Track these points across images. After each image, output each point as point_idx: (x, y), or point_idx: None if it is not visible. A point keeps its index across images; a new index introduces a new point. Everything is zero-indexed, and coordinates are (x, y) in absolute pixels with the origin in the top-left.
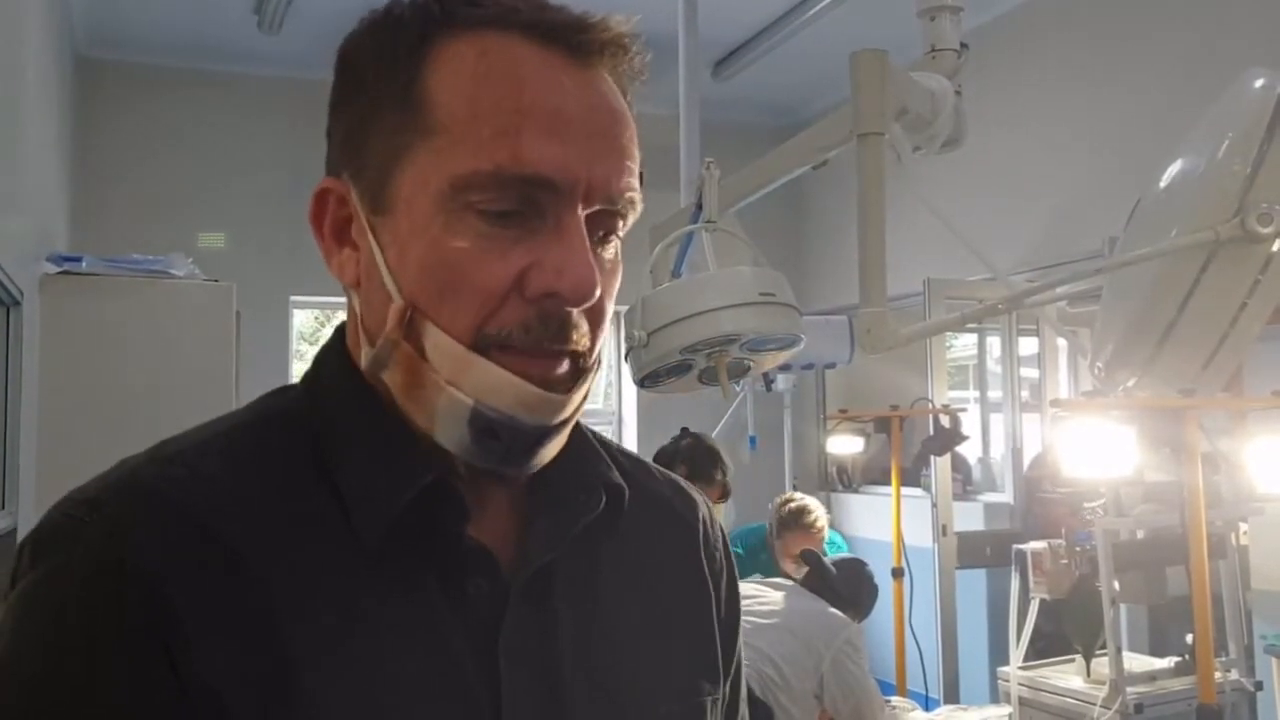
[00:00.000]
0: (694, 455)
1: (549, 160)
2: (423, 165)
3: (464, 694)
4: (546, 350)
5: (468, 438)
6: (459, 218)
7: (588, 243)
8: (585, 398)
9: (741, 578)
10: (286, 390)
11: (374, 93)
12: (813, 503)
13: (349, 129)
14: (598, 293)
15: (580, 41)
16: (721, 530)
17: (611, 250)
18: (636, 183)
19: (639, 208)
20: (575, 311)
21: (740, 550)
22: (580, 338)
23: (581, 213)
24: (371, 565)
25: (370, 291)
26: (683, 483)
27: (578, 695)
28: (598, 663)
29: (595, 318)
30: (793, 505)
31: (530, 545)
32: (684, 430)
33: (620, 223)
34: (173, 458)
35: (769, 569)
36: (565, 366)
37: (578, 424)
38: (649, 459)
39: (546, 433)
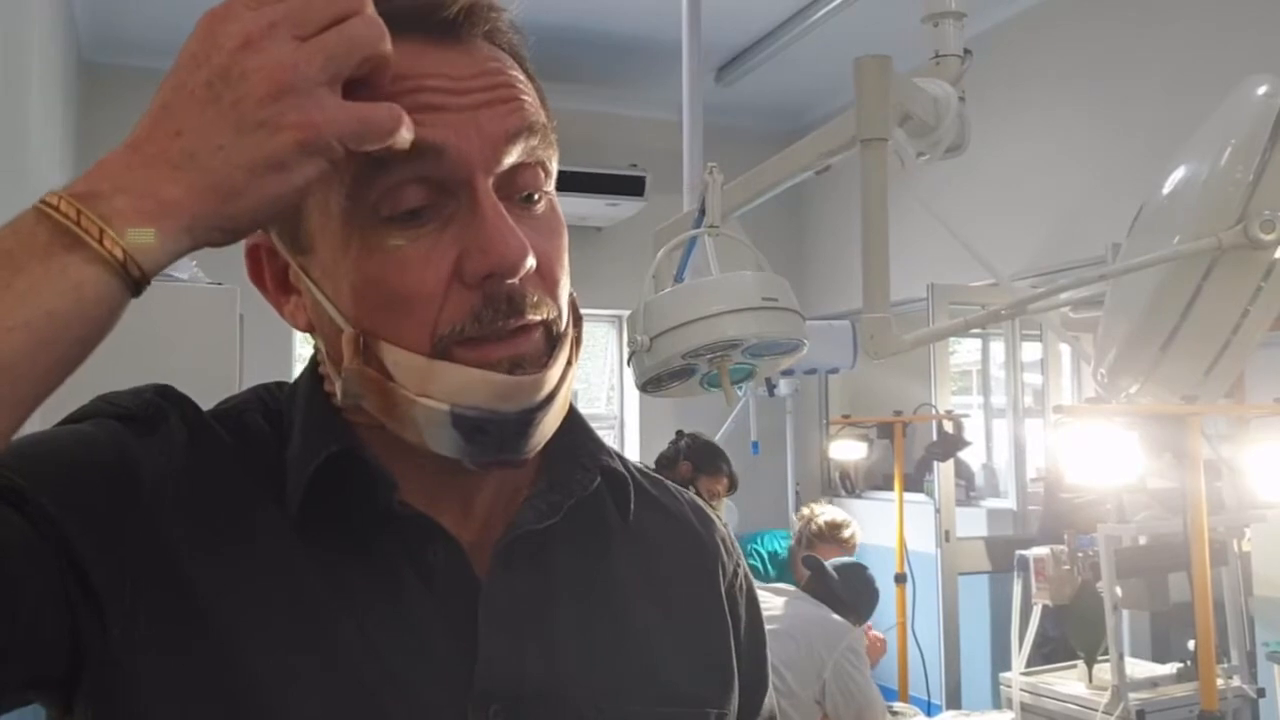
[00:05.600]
0: (696, 451)
1: (424, 130)
2: (319, 193)
3: (432, 655)
4: (505, 330)
5: (459, 440)
6: (371, 230)
7: (502, 210)
8: (568, 367)
9: None
10: (278, 385)
11: None
12: (845, 515)
13: None
14: (530, 259)
15: (437, 21)
16: (739, 551)
17: (543, 206)
18: (539, 115)
19: (552, 136)
20: (517, 282)
21: (773, 572)
22: (536, 306)
23: (488, 181)
24: (319, 537)
25: (324, 330)
26: (701, 502)
27: (569, 674)
28: (598, 649)
29: (546, 283)
30: (828, 519)
31: (518, 516)
32: (679, 433)
33: (542, 173)
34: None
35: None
36: (535, 340)
37: (576, 415)
38: (650, 463)
39: (532, 414)
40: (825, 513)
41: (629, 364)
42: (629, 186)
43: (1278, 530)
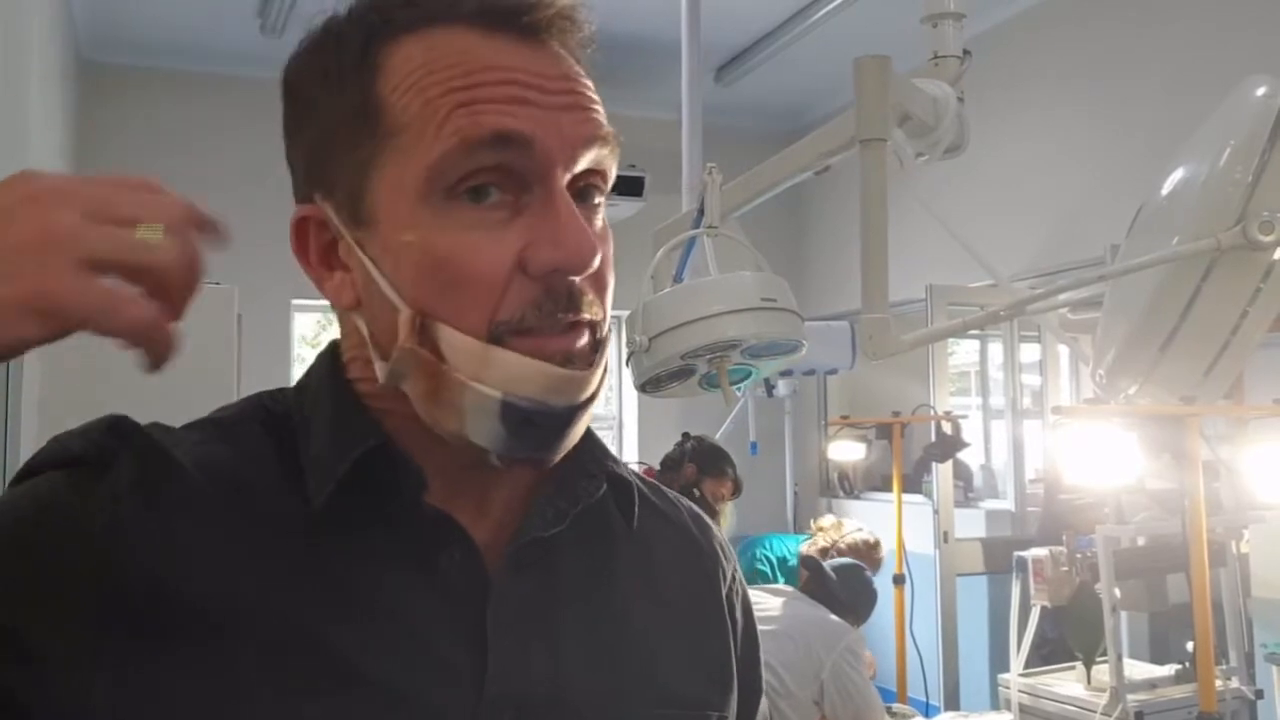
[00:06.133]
0: (702, 455)
1: (514, 119)
2: (393, 168)
3: (444, 660)
4: (562, 324)
5: (502, 431)
6: (444, 211)
7: (575, 208)
8: (605, 372)
9: None
10: (278, 391)
11: (327, 114)
12: (873, 533)
13: (311, 154)
14: (598, 258)
15: (526, 22)
16: (735, 556)
17: (600, 217)
18: (609, 129)
19: (617, 147)
20: (580, 280)
21: (782, 579)
22: (590, 305)
23: (563, 178)
24: (333, 536)
25: (374, 308)
26: (698, 509)
27: (576, 679)
28: (601, 654)
29: (599, 286)
30: (863, 538)
31: (529, 522)
32: (685, 435)
33: (604, 181)
34: (154, 426)
35: None
36: (585, 339)
37: None
38: (650, 464)
39: (576, 412)
40: (852, 528)
41: (628, 364)
42: (628, 186)
43: (1276, 531)
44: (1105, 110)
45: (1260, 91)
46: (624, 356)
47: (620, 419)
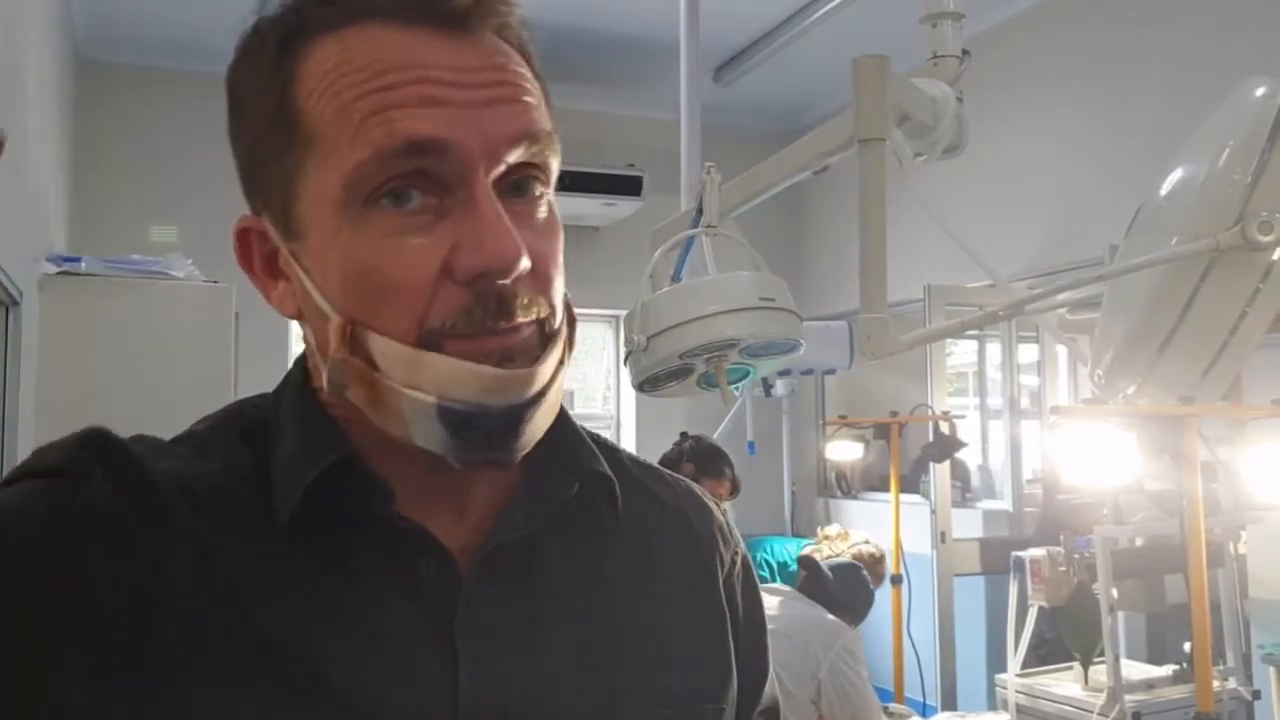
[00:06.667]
0: (700, 454)
1: (427, 124)
2: (315, 178)
3: (417, 673)
4: (494, 329)
5: (445, 434)
6: (364, 218)
7: (500, 209)
8: (560, 366)
9: None
10: (258, 398)
11: (255, 121)
12: (879, 545)
13: (246, 163)
14: (524, 261)
15: (446, 12)
16: (738, 538)
17: (543, 209)
18: (544, 122)
19: (556, 143)
20: (509, 284)
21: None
22: (527, 308)
23: (487, 179)
24: (309, 550)
25: (311, 317)
26: (697, 489)
27: (558, 683)
28: (592, 654)
29: (540, 283)
30: (870, 551)
31: (495, 527)
32: (684, 434)
33: (540, 175)
34: (135, 439)
35: None
36: (528, 335)
37: (566, 416)
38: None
39: (521, 411)
40: (858, 539)
41: (626, 363)
42: (626, 186)
43: (1274, 532)
44: (1105, 110)
45: (1259, 92)
46: (622, 356)
47: (618, 418)
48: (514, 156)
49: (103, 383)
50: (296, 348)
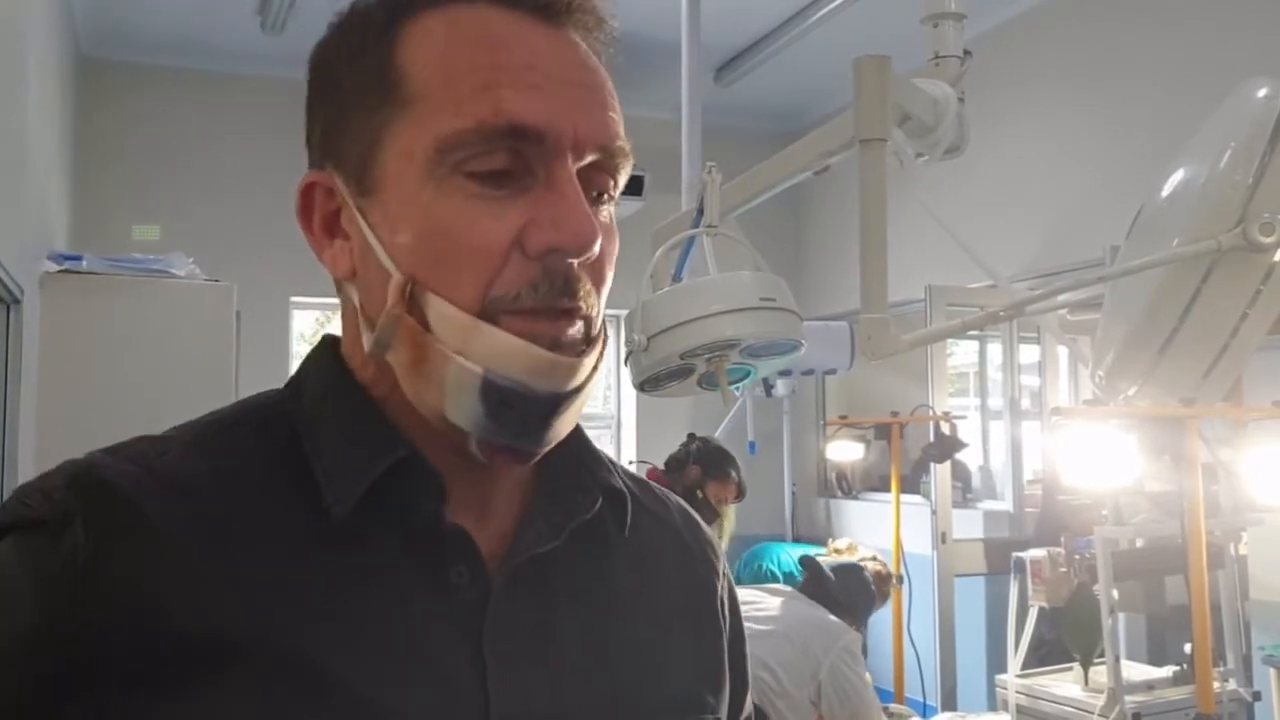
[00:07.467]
0: (706, 456)
1: (531, 111)
2: (405, 137)
3: (447, 680)
4: (556, 309)
5: (480, 410)
6: (448, 182)
7: (581, 194)
8: (597, 367)
9: None
10: (269, 392)
11: (347, 85)
12: (887, 565)
13: (327, 123)
14: (598, 244)
15: (548, 4)
16: (721, 552)
17: (606, 213)
18: (623, 133)
19: (630, 160)
20: (578, 266)
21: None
22: (586, 296)
23: (572, 166)
24: (341, 548)
25: (368, 276)
26: (685, 505)
27: (576, 692)
28: (602, 666)
29: (597, 278)
30: (876, 568)
31: (522, 538)
32: (691, 435)
33: (612, 182)
34: (132, 456)
35: None
36: (576, 328)
37: (579, 429)
38: (651, 463)
39: (559, 401)
40: (866, 555)
41: (626, 363)
42: (627, 186)
43: (1275, 534)
44: (1105, 111)
45: (1261, 93)
46: (622, 355)
47: (619, 418)
48: (597, 155)
49: (103, 381)
50: (297, 348)
